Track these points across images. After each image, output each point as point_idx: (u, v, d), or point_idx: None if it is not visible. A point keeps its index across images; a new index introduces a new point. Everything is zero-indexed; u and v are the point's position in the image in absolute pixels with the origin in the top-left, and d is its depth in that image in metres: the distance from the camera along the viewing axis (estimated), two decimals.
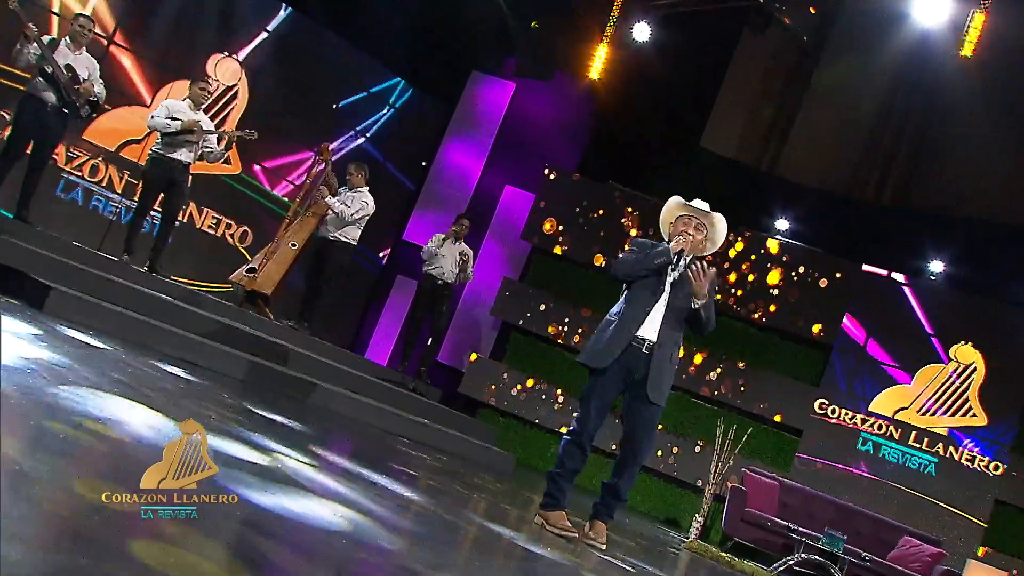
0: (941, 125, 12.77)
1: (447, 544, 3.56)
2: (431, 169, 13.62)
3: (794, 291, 11.51)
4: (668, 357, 4.96)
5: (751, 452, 11.04)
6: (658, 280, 4.99)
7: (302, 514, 2.88)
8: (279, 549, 2.45)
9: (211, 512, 2.38)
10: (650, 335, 4.93)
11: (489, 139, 13.50)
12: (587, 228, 12.31)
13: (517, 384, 11.97)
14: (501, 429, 11.28)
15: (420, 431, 7.77)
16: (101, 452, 2.71)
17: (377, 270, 13.48)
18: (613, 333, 4.96)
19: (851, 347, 11.22)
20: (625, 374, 4.95)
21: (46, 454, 2.39)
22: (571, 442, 4.97)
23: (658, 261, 4.95)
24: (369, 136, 12.67)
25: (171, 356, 5.76)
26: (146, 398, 3.81)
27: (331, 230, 9.11)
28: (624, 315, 4.98)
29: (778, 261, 11.67)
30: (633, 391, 4.99)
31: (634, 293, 5.02)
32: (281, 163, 11.81)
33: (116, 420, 3.11)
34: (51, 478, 2.19)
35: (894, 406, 10.91)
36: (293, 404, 6.19)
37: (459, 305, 12.87)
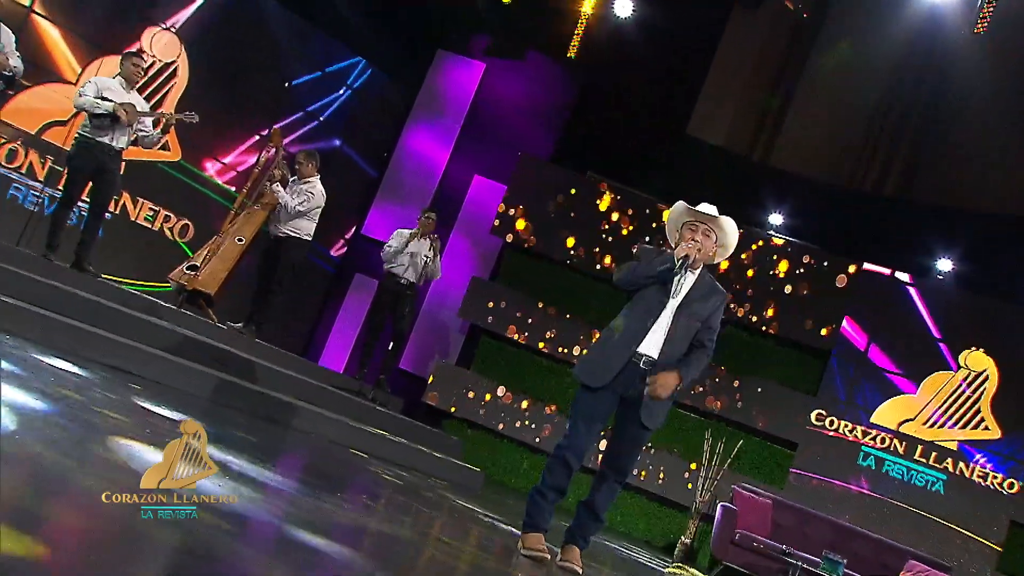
0: (950, 110, 12.82)
1: (406, 571, 3.49)
2: (393, 157, 13.60)
3: (788, 292, 11.51)
4: None
5: (742, 467, 11.04)
6: (662, 291, 5.01)
7: (245, 541, 2.80)
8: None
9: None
10: (651, 351, 4.95)
11: (456, 125, 13.49)
12: (564, 222, 12.30)
13: (487, 393, 11.93)
14: (469, 442, 11.26)
15: (379, 445, 7.76)
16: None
17: (333, 268, 13.43)
18: (613, 348, 4.98)
19: (851, 353, 11.23)
20: (623, 389, 4.96)
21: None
22: (556, 458, 4.99)
23: (660, 269, 4.98)
24: (324, 120, 12.58)
25: (98, 362, 5.67)
26: (51, 399, 3.70)
27: (282, 223, 9.08)
28: (625, 328, 5.01)
29: (771, 259, 11.68)
30: (626, 409, 5.01)
31: (637, 304, 5.05)
32: (226, 149, 11.69)
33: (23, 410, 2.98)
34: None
35: (898, 417, 10.91)
36: (237, 416, 6.16)
37: (423, 306, 12.85)
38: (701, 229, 5.09)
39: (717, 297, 5.09)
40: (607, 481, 5.07)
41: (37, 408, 3.47)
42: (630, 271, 5.06)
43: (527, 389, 11.93)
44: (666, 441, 11.32)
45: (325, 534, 3.37)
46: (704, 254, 5.08)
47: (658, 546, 11.10)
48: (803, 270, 11.54)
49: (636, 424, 4.97)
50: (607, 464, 5.09)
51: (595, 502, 5.06)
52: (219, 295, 8.91)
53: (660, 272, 4.98)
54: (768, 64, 13.93)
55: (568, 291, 12.16)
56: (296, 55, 12.22)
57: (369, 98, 13.15)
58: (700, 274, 5.10)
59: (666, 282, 5.01)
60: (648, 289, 5.03)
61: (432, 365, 12.47)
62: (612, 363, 4.94)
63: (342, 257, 13.49)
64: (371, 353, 10.20)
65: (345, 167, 12.87)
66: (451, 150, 13.44)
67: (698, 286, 5.06)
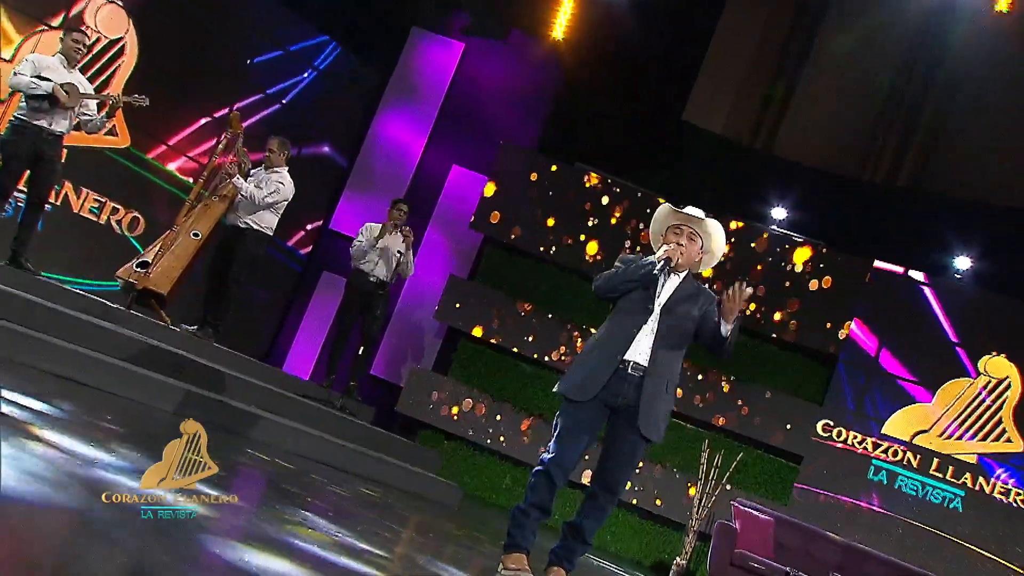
0: (968, 96, 12.87)
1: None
2: (364, 145, 13.55)
3: (792, 292, 11.53)
4: (663, 386, 5.02)
5: (742, 482, 11.05)
6: (646, 296, 5.09)
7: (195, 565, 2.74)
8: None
9: None
10: (639, 358, 5.00)
11: (432, 110, 13.46)
12: (549, 216, 12.30)
13: (465, 401, 11.92)
14: (446, 455, 11.27)
15: (348, 458, 7.77)
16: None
17: (298, 265, 13.38)
18: (596, 359, 5.04)
19: (860, 358, 11.25)
20: (612, 400, 5.00)
21: None
22: (540, 472, 5.01)
23: (642, 272, 5.06)
24: (286, 104, 12.51)
25: (36, 368, 5.63)
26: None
27: (241, 216, 9.03)
28: (608, 337, 5.08)
29: (773, 256, 11.69)
30: (618, 420, 5.04)
31: (619, 312, 5.13)
32: (179, 134, 11.59)
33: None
34: None
35: (912, 428, 10.93)
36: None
37: (396, 307, 12.81)
38: (686, 232, 5.19)
39: (704, 298, 5.18)
40: (597, 501, 5.08)
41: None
42: (610, 277, 5.14)
43: (509, 397, 11.94)
44: (660, 454, 11.33)
45: (286, 557, 3.31)
46: (688, 258, 5.18)
47: (651, 567, 11.09)
48: (808, 268, 11.56)
49: (630, 437, 5.00)
50: (597, 482, 5.10)
51: (582, 526, 5.06)
52: (172, 295, 8.83)
53: (642, 275, 5.06)
54: (771, 45, 13.96)
55: (553, 291, 12.18)
56: (256, 32, 12.13)
57: (337, 81, 13.09)
58: (685, 278, 5.19)
59: (649, 286, 5.09)
60: (631, 295, 5.10)
61: (406, 371, 12.46)
62: (598, 374, 4.99)
63: (308, 254, 13.44)
64: (339, 358, 10.16)
65: (311, 156, 12.80)
66: (427, 138, 13.40)
67: (682, 289, 5.15)
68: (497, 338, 12.11)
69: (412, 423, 12.01)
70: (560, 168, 12.46)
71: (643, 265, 5.07)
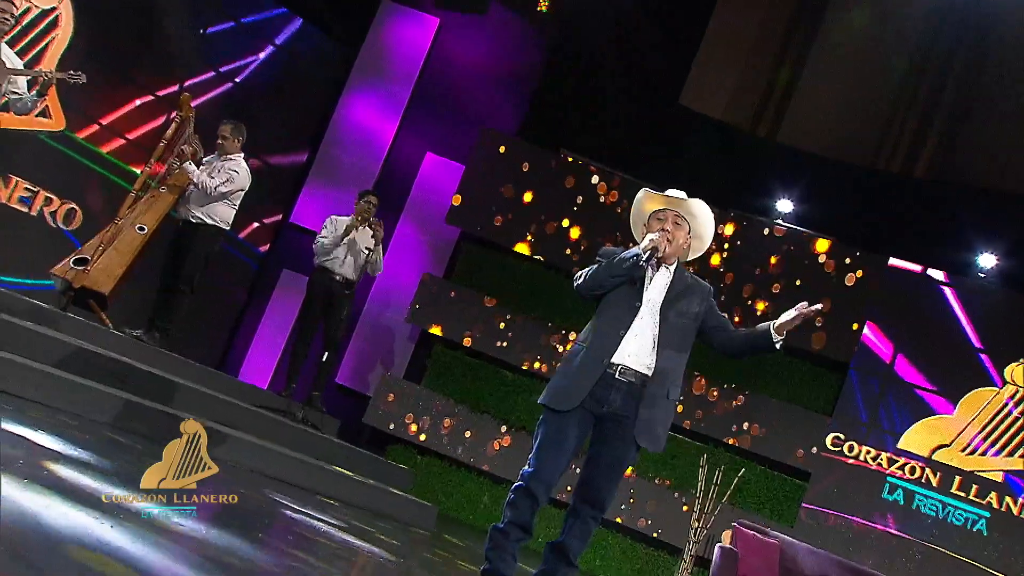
0: (994, 76, 12.89)
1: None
2: (328, 130, 13.53)
3: (799, 292, 11.44)
4: (664, 392, 5.07)
5: (744, 501, 11.07)
6: (632, 293, 5.12)
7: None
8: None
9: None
10: (627, 361, 5.03)
11: (405, 92, 13.44)
12: (532, 209, 12.31)
13: (441, 412, 11.92)
14: (418, 471, 11.30)
15: (311, 475, 7.77)
16: None
17: (255, 263, 13.36)
18: (580, 365, 5.07)
19: (874, 365, 11.26)
20: (597, 408, 5.03)
21: None
22: (520, 489, 5.03)
23: (627, 265, 5.07)
24: (240, 83, 12.44)
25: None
26: None
27: (193, 209, 9.01)
28: (592, 340, 5.11)
29: (778, 252, 11.71)
30: (605, 428, 5.07)
31: (604, 312, 5.16)
32: (120, 116, 11.50)
33: None
34: None
35: (931, 443, 10.95)
36: (137, 443, 6.11)
37: (364, 308, 12.81)
38: (671, 218, 5.21)
39: (701, 291, 5.23)
40: (580, 517, 5.07)
41: None
42: (592, 274, 5.16)
43: (489, 407, 11.92)
44: (654, 469, 11.36)
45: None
46: (676, 246, 5.20)
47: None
48: (816, 266, 11.57)
49: (617, 447, 5.03)
50: (581, 496, 5.10)
51: (567, 544, 5.04)
52: (114, 295, 8.77)
53: (627, 269, 5.07)
54: (776, 23, 14.01)
55: (537, 291, 12.19)
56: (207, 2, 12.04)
57: (298, 58, 13.05)
58: (676, 270, 5.22)
59: (635, 281, 5.11)
60: (615, 293, 5.13)
61: (374, 379, 12.46)
62: (582, 381, 5.01)
63: (266, 250, 13.41)
64: (301, 365, 10.18)
65: (269, 142, 12.72)
66: (398, 122, 13.38)
67: (676, 282, 5.19)
68: (475, 343, 12.09)
69: (381, 437, 12.00)
70: (545, 156, 12.44)
71: (627, 258, 5.07)
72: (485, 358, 12.12)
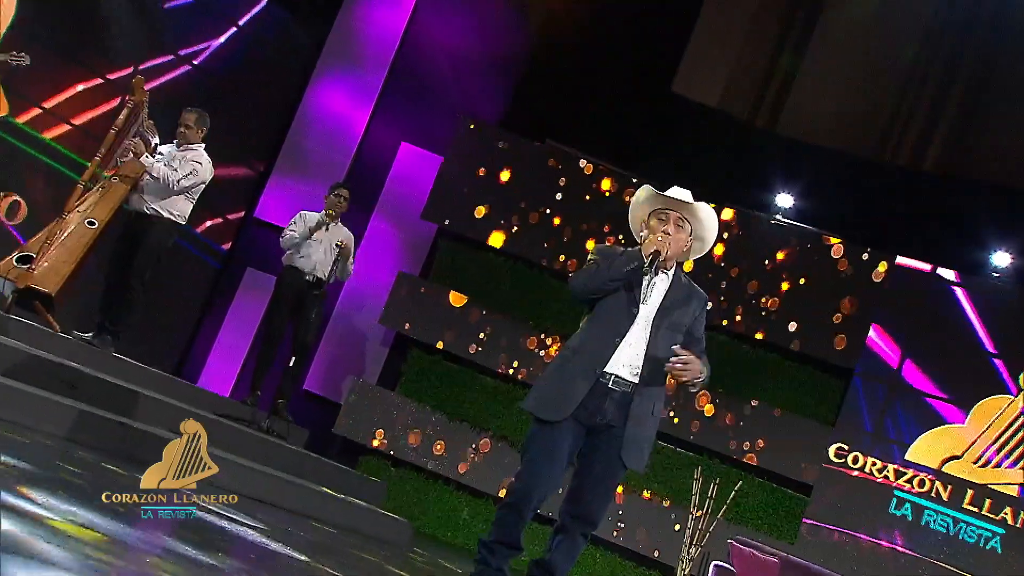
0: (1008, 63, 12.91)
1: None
2: (296, 119, 13.48)
3: (800, 292, 11.55)
4: (651, 407, 5.17)
5: (741, 515, 11.06)
6: (630, 299, 5.18)
7: None
8: None
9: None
10: (621, 371, 5.11)
11: (378, 77, 13.41)
12: (516, 203, 12.32)
13: (417, 421, 11.91)
14: (392, 485, 11.28)
15: (276, 490, 7.72)
16: None
17: (217, 261, 13.30)
18: (573, 372, 5.13)
19: (880, 371, 11.27)
20: (589, 419, 5.10)
21: None
22: (510, 506, 5.13)
23: (627, 269, 5.13)
24: (199, 66, 12.36)
25: None
26: None
27: (148, 201, 8.93)
28: (586, 346, 5.17)
29: (778, 250, 11.70)
30: (595, 442, 5.13)
31: (599, 317, 5.22)
32: (69, 101, 11.38)
33: None
34: None
35: (942, 454, 10.94)
36: (88, 455, 6.06)
37: (335, 309, 12.77)
38: (672, 219, 5.25)
39: (697, 301, 5.34)
40: (569, 534, 5.12)
41: None
42: (589, 276, 5.22)
43: (468, 416, 11.91)
44: (644, 482, 11.35)
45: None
46: (677, 248, 5.26)
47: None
48: (818, 266, 11.56)
49: (609, 461, 5.09)
50: (570, 512, 5.14)
51: (553, 563, 5.10)
52: (62, 296, 8.69)
53: (627, 273, 5.13)
54: (775, 4, 14.03)
55: (520, 291, 12.21)
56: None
57: (262, 41, 12.95)
58: (674, 275, 5.29)
59: (633, 287, 5.17)
60: (611, 297, 5.19)
61: (346, 386, 12.45)
62: (574, 390, 5.07)
63: (229, 248, 13.35)
64: (266, 370, 10.19)
65: (230, 132, 12.62)
66: (371, 110, 13.35)
67: (674, 290, 5.26)
68: (453, 346, 12.08)
69: (353, 448, 12.00)
70: (529, 147, 12.45)
71: (629, 261, 5.12)
72: (464, 363, 12.11)
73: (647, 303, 5.16)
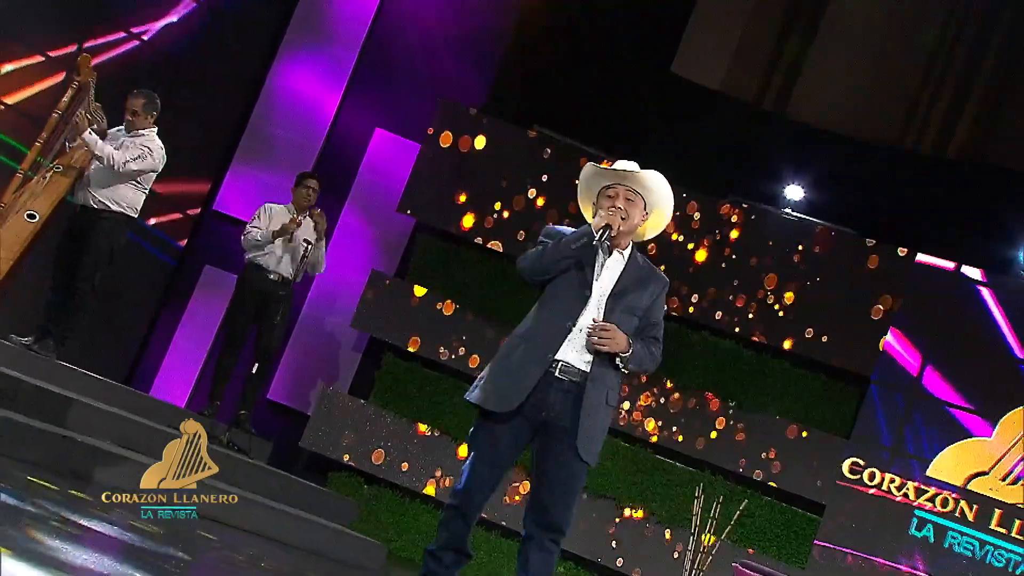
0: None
1: None
2: (259, 102, 13.45)
3: (811, 293, 11.55)
4: (604, 396, 5.23)
5: (746, 537, 11.04)
6: (581, 281, 5.27)
7: None
8: None
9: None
10: (573, 360, 5.19)
11: (350, 57, 13.41)
12: (500, 195, 12.29)
13: (391, 433, 11.85)
14: (365, 503, 11.30)
15: (237, 509, 7.52)
16: None
17: (172, 258, 13.28)
18: (520, 360, 5.22)
19: (899, 379, 11.26)
20: (535, 415, 5.17)
21: None
22: (452, 508, 5.23)
23: (576, 245, 5.22)
24: (150, 42, 12.32)
25: None
26: None
27: (95, 192, 8.94)
28: (536, 332, 5.28)
29: (787, 247, 11.70)
30: (549, 438, 5.20)
31: (549, 300, 5.33)
32: (6, 81, 11.25)
33: None
34: None
35: (966, 470, 10.91)
36: (30, 471, 6.09)
37: (302, 312, 12.75)
38: (622, 193, 5.34)
39: (656, 283, 5.40)
40: (539, 546, 5.17)
41: None
42: (537, 255, 5.31)
43: (447, 428, 11.86)
44: (640, 499, 11.35)
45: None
46: (631, 225, 5.34)
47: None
48: (831, 264, 11.56)
49: (567, 459, 5.16)
50: (535, 521, 5.21)
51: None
52: (0, 296, 8.75)
53: (577, 250, 5.21)
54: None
55: (505, 291, 12.11)
56: None
57: (222, 16, 12.94)
58: (631, 256, 5.39)
59: (584, 266, 5.25)
60: (562, 280, 5.27)
61: (314, 395, 12.42)
62: (521, 379, 5.15)
63: (185, 244, 13.33)
64: (227, 378, 10.24)
65: (186, 115, 12.57)
66: (342, 93, 13.35)
67: (630, 271, 5.35)
68: (432, 351, 12.06)
69: (322, 462, 11.97)
70: (515, 133, 12.45)
71: (577, 237, 5.20)
72: (444, 369, 12.08)
73: (599, 285, 5.25)
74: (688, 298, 11.61)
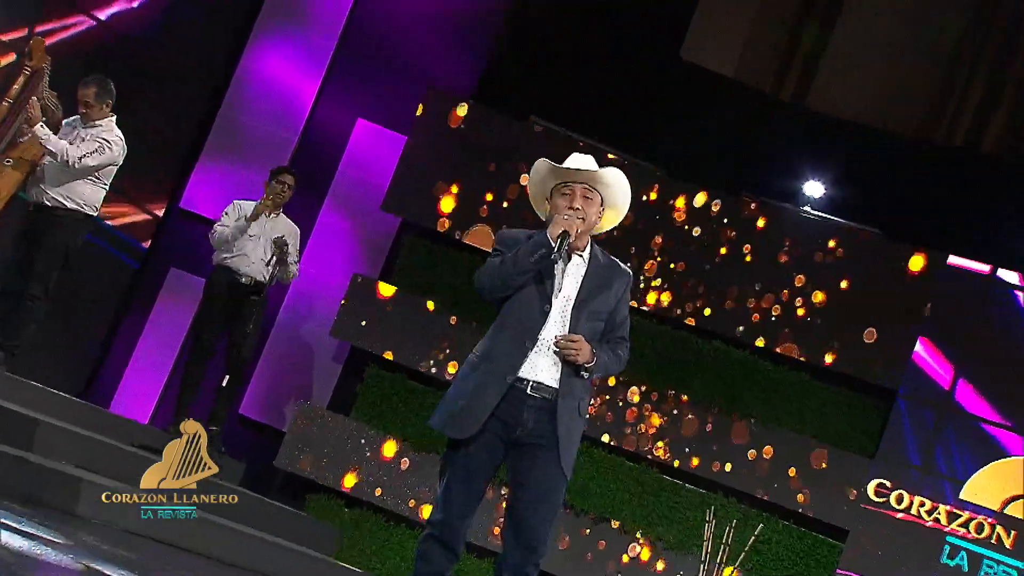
0: None
1: None
2: (229, 91, 13.47)
3: (833, 299, 11.54)
4: (576, 407, 5.36)
5: (763, 564, 11.03)
6: (541, 293, 5.37)
7: None
8: None
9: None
10: (539, 375, 5.31)
11: (329, 42, 13.44)
12: (492, 192, 12.31)
13: (375, 452, 11.87)
14: (346, 529, 11.35)
15: (206, 536, 7.72)
16: None
17: (135, 260, 13.28)
18: (478, 384, 5.33)
19: (929, 392, 11.24)
20: (508, 433, 5.29)
21: None
22: (430, 538, 5.33)
23: (535, 258, 5.29)
24: (109, 25, 12.33)
25: None
26: None
27: (49, 189, 8.98)
28: (495, 352, 5.37)
29: (805, 248, 11.68)
30: (522, 455, 5.33)
31: (509, 317, 5.41)
32: None
33: None
34: None
35: (1003, 492, 10.88)
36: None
37: (277, 319, 12.75)
38: (579, 192, 5.45)
39: (619, 280, 5.53)
40: (516, 568, 5.29)
41: None
42: (493, 271, 5.38)
43: (435, 445, 11.68)
44: (647, 523, 11.34)
45: None
46: (588, 224, 5.45)
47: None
48: (854, 266, 11.54)
49: (543, 475, 5.30)
50: (511, 541, 5.34)
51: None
52: None
53: (535, 262, 5.28)
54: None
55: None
56: None
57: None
58: (591, 255, 5.49)
59: (544, 279, 5.35)
60: (521, 293, 5.36)
61: (290, 410, 12.42)
62: (482, 402, 5.26)
63: (149, 244, 13.32)
64: (194, 392, 10.32)
65: (153, 104, 12.55)
66: (320, 81, 13.39)
67: (592, 274, 5.45)
68: (418, 362, 12.07)
69: (299, 484, 11.97)
70: (509, 124, 12.47)
71: (534, 249, 5.26)
72: (431, 381, 12.06)
73: (562, 294, 5.36)
74: (700, 308, 11.59)
